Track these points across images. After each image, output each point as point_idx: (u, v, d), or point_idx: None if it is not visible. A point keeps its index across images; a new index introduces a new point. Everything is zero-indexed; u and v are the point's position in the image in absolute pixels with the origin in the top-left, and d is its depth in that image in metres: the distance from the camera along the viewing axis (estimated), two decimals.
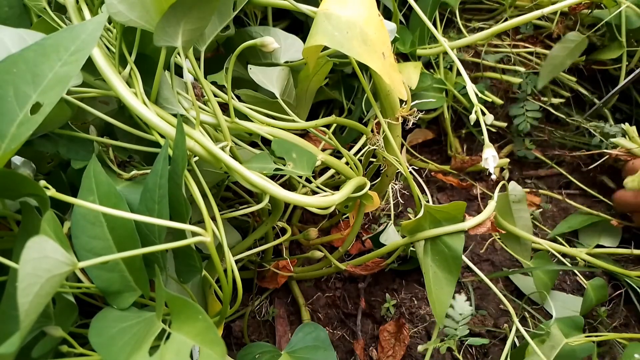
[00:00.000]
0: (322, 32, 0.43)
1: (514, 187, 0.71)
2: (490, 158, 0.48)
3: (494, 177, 0.48)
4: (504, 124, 0.89)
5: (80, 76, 0.43)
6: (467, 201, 0.86)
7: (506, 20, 0.87)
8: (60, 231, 0.35)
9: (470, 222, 0.54)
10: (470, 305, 0.50)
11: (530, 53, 0.93)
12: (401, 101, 0.55)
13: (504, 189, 0.71)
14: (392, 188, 0.71)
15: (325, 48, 0.55)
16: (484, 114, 0.49)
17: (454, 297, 0.53)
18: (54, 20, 0.44)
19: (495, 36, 0.93)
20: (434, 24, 0.84)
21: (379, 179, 0.68)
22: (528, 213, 0.73)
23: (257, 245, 0.62)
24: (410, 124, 0.57)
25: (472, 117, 0.50)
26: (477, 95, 0.49)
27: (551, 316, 0.60)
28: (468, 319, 0.49)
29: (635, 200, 0.74)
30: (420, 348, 0.50)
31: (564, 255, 0.74)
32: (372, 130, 0.57)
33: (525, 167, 0.92)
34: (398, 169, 0.59)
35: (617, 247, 0.77)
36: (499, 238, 0.76)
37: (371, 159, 0.71)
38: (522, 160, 0.92)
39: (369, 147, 0.59)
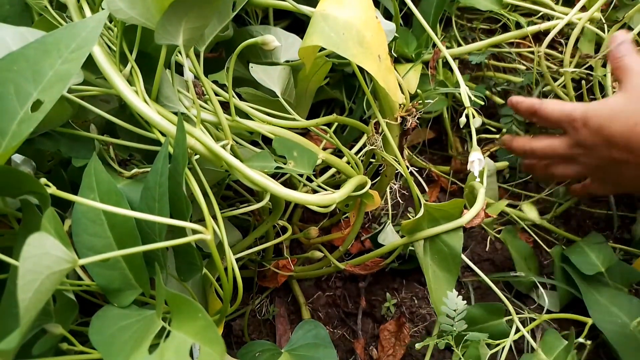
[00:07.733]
0: (319, 33, 0.43)
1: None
2: (476, 161, 0.49)
3: (478, 180, 0.49)
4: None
5: (81, 74, 0.43)
6: None
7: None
8: (61, 229, 0.35)
9: (467, 216, 0.54)
10: (466, 303, 0.50)
11: (533, 52, 0.92)
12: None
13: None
14: (390, 188, 0.71)
15: (323, 48, 0.55)
16: (474, 116, 0.49)
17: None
18: (55, 19, 0.44)
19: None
20: (434, 27, 0.83)
21: (379, 178, 0.68)
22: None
23: (257, 244, 0.62)
24: (409, 124, 0.57)
25: (462, 120, 0.51)
26: (470, 98, 0.50)
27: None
28: (464, 314, 0.49)
29: None
30: (417, 346, 0.50)
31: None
32: (371, 130, 0.57)
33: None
34: (397, 169, 0.59)
35: None
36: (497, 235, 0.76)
37: (371, 160, 0.71)
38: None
39: (369, 147, 0.59)
